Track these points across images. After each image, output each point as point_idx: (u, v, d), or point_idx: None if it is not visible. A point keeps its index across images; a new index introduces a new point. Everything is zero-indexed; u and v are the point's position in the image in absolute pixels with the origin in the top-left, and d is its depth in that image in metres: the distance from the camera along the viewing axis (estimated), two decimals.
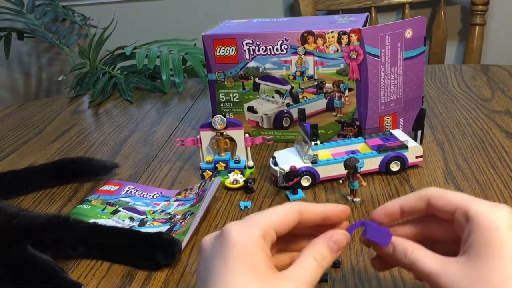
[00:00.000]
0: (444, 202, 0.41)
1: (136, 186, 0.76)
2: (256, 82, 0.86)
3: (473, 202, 0.39)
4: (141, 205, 0.71)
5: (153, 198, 0.73)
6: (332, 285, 0.53)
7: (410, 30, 0.80)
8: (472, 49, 1.70)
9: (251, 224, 0.39)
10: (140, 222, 0.67)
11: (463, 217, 0.39)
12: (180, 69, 1.31)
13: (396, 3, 1.72)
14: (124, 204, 0.71)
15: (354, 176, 0.66)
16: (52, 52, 2.07)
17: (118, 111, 1.16)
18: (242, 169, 0.77)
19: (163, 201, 0.72)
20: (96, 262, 0.60)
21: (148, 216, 0.68)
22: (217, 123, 0.77)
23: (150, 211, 0.70)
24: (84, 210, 0.69)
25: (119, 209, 0.70)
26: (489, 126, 0.89)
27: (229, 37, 0.84)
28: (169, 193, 0.75)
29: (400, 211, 0.44)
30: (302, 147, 0.75)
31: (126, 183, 0.77)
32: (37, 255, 0.57)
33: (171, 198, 0.73)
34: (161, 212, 0.69)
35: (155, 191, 0.75)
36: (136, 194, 0.74)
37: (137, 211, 0.70)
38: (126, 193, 0.74)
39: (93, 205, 0.70)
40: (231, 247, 0.37)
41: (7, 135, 1.06)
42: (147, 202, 0.72)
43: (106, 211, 0.69)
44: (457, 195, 0.41)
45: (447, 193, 0.41)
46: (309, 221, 0.42)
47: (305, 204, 0.42)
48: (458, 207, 0.40)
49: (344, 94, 0.82)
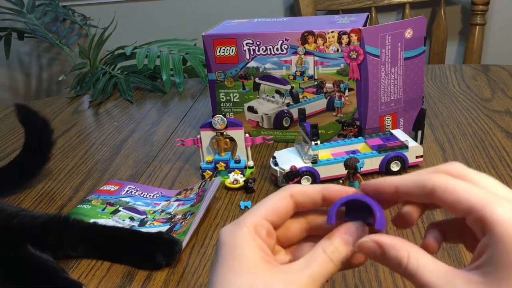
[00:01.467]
0: (453, 199, 0.31)
1: (136, 186, 0.76)
2: (256, 82, 0.86)
3: (493, 204, 0.29)
4: (141, 205, 0.71)
5: (153, 198, 0.73)
6: (332, 285, 0.53)
7: (410, 30, 0.80)
8: (472, 49, 1.70)
9: (238, 222, 0.36)
10: (140, 222, 0.67)
11: (478, 225, 0.30)
12: (180, 69, 1.31)
13: (396, 3, 1.72)
14: (124, 204, 0.71)
15: (354, 176, 0.66)
16: (52, 52, 2.07)
17: (118, 111, 1.16)
18: (242, 169, 0.77)
19: (163, 201, 0.72)
20: (96, 262, 0.60)
21: (148, 216, 0.68)
22: (217, 123, 0.77)
23: (150, 211, 0.70)
24: (84, 210, 0.69)
25: (119, 209, 0.70)
26: (489, 126, 0.89)
27: (229, 37, 0.84)
28: (169, 193, 0.75)
29: (395, 192, 0.35)
30: (302, 147, 0.75)
31: (127, 183, 0.77)
32: (38, 255, 0.57)
33: (171, 198, 0.73)
34: (161, 212, 0.69)
35: (155, 191, 0.75)
36: (137, 194, 0.74)
37: (137, 211, 0.70)
38: (127, 193, 0.74)
39: (93, 205, 0.70)
40: (220, 248, 0.35)
41: (7, 135, 1.06)
42: (147, 202, 0.72)
43: (106, 211, 0.69)
44: (472, 191, 0.30)
45: (458, 185, 0.31)
46: (307, 203, 0.37)
47: (299, 186, 0.37)
48: (472, 209, 0.30)
49: (344, 94, 0.82)
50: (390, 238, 0.33)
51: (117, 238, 0.61)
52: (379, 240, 0.33)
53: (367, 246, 0.33)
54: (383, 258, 0.32)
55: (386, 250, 0.32)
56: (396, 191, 0.35)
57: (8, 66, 2.10)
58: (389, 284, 0.52)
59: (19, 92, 2.15)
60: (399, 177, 0.35)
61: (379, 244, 0.33)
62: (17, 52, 2.05)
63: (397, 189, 0.35)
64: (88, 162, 0.89)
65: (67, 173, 0.85)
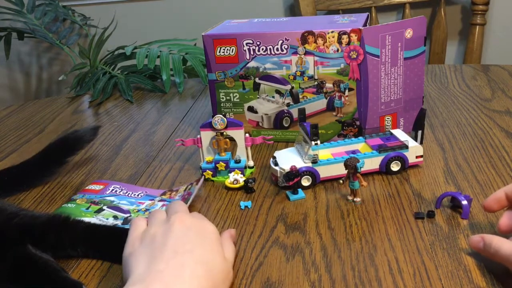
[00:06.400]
0: None
1: (121, 185, 0.77)
2: (256, 82, 0.86)
3: None
4: (125, 204, 0.72)
5: (138, 197, 0.74)
6: (332, 285, 0.53)
7: (410, 30, 0.80)
8: (472, 49, 1.70)
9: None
10: (124, 221, 0.67)
11: None
12: (180, 69, 1.31)
13: (396, 3, 1.72)
14: (109, 203, 0.72)
15: (355, 176, 0.66)
16: (52, 52, 2.08)
17: (118, 111, 1.16)
18: (242, 169, 0.77)
19: (148, 200, 0.73)
20: (96, 262, 0.60)
21: (132, 214, 0.69)
22: (217, 123, 0.77)
23: (134, 210, 0.70)
24: (69, 209, 0.70)
25: (103, 208, 0.70)
26: (489, 126, 0.89)
27: (229, 37, 0.84)
28: (154, 193, 0.75)
29: (506, 197, 0.53)
30: (302, 147, 0.76)
31: (112, 182, 0.78)
32: (38, 255, 0.57)
33: (156, 197, 0.73)
34: (145, 211, 0.70)
35: (140, 190, 0.76)
36: (121, 193, 0.75)
37: (121, 209, 0.70)
38: (111, 192, 0.75)
39: (78, 204, 0.71)
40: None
41: (7, 135, 1.06)
42: (132, 201, 0.72)
43: (91, 210, 0.69)
44: None
45: None
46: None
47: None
48: None
49: (344, 94, 0.82)
50: (486, 235, 0.52)
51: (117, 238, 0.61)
52: (481, 235, 0.52)
53: (475, 239, 0.53)
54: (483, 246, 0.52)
55: (484, 240, 0.51)
56: (507, 195, 0.54)
57: (8, 66, 2.10)
58: (389, 284, 0.52)
59: (19, 92, 2.15)
60: (508, 186, 0.55)
61: (481, 237, 0.52)
62: (17, 52, 2.05)
63: (507, 193, 0.54)
64: (88, 162, 0.89)
65: (67, 173, 0.85)
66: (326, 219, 0.65)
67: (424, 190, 0.69)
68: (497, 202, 0.55)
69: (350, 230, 0.62)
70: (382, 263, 0.55)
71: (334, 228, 0.63)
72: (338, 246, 0.59)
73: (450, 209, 0.64)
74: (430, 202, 0.66)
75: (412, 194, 0.69)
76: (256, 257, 0.58)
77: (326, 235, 0.61)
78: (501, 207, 0.56)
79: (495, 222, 0.59)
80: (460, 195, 0.63)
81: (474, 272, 0.53)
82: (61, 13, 1.85)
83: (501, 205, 0.55)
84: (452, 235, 0.59)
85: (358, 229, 0.62)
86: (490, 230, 0.59)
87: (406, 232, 0.60)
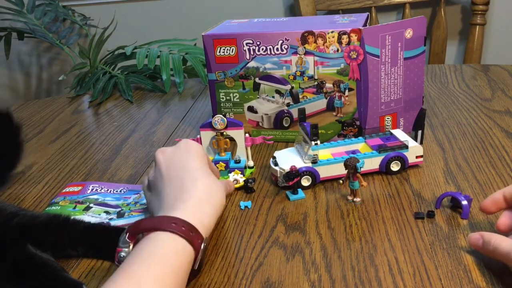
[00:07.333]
0: None
1: (99, 184, 0.77)
2: (256, 82, 0.86)
3: None
4: (111, 200, 0.72)
5: (121, 193, 0.75)
6: (332, 285, 0.53)
7: (410, 30, 0.80)
8: (472, 49, 1.70)
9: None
10: (118, 214, 0.68)
11: None
12: (180, 69, 1.31)
13: (396, 3, 1.72)
14: (94, 201, 0.72)
15: (354, 176, 0.66)
16: (52, 52, 2.07)
17: (118, 111, 1.16)
18: (242, 169, 0.77)
19: (133, 195, 0.74)
20: (96, 261, 0.60)
21: (123, 208, 0.70)
22: (217, 123, 0.77)
23: (124, 204, 0.71)
24: (54, 211, 0.70)
25: (90, 205, 0.71)
26: (489, 126, 0.89)
27: (229, 37, 0.84)
28: (137, 187, 0.76)
29: (503, 198, 0.54)
30: (302, 147, 0.76)
31: (88, 182, 0.78)
32: (38, 255, 0.57)
33: (141, 191, 0.74)
34: (135, 203, 0.71)
35: (121, 187, 0.76)
36: (102, 191, 0.75)
37: (109, 205, 0.71)
38: (92, 191, 0.75)
39: (62, 206, 0.71)
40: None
41: None
42: (117, 197, 0.73)
43: (78, 209, 0.70)
44: None
45: None
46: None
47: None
48: None
49: (344, 94, 0.82)
50: (485, 232, 0.53)
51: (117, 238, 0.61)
52: (480, 233, 0.53)
53: (474, 237, 0.53)
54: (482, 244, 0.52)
55: (483, 237, 0.52)
56: (504, 197, 0.55)
57: (8, 66, 2.10)
58: (389, 284, 0.52)
59: (19, 92, 2.15)
60: (506, 188, 0.55)
61: (481, 235, 0.53)
62: (17, 52, 2.05)
63: (505, 195, 0.55)
64: (88, 162, 0.89)
65: (67, 173, 0.85)
66: (326, 219, 0.65)
67: (424, 190, 0.70)
68: (495, 204, 0.55)
69: (350, 230, 0.62)
70: (382, 263, 0.55)
71: (334, 228, 0.63)
72: (338, 246, 0.59)
73: (450, 209, 0.64)
74: (430, 202, 0.66)
75: (412, 194, 0.69)
76: (256, 257, 0.58)
77: (326, 235, 0.61)
78: (498, 209, 0.56)
79: (495, 222, 0.59)
80: (460, 195, 0.63)
81: (474, 272, 0.53)
82: (61, 13, 1.85)
83: (498, 207, 0.56)
84: (452, 235, 0.59)
85: (358, 229, 0.62)
86: (490, 230, 0.59)
87: (406, 232, 0.60)
